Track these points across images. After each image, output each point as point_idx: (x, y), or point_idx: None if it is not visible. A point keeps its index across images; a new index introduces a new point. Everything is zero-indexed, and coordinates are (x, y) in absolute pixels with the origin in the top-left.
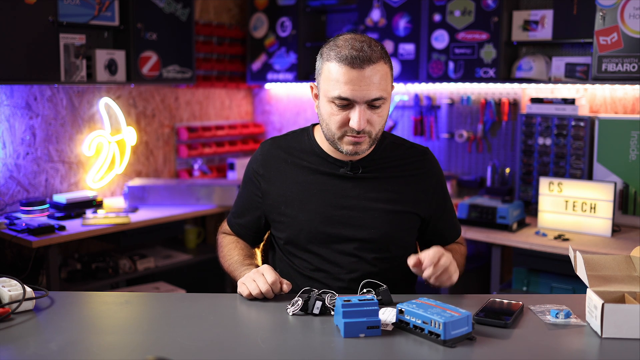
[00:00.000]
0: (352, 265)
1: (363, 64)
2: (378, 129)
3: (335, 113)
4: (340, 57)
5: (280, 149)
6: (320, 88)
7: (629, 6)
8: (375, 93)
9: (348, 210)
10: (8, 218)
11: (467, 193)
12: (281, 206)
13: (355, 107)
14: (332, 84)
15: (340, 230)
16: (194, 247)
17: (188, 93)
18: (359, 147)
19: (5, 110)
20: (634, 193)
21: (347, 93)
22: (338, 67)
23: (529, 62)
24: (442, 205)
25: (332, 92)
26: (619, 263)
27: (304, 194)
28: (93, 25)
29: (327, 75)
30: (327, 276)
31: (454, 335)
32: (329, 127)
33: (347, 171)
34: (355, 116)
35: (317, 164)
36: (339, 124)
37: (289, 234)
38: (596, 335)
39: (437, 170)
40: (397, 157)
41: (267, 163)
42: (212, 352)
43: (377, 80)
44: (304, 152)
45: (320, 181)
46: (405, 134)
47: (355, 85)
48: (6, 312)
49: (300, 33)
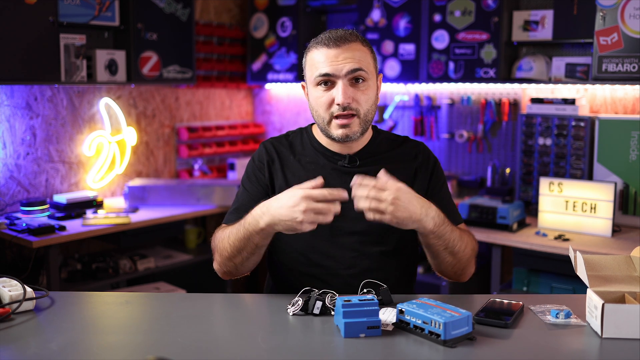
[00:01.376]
0: (352, 261)
1: (339, 41)
2: (366, 108)
3: (321, 95)
4: (317, 42)
5: (281, 146)
6: (307, 79)
7: (629, 6)
8: (354, 65)
9: (347, 202)
10: (8, 218)
11: (468, 193)
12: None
13: (337, 84)
14: (314, 67)
15: (340, 223)
16: (194, 247)
17: (188, 93)
18: (349, 129)
19: (6, 111)
20: (634, 193)
21: (327, 69)
22: (317, 51)
23: (529, 62)
24: (438, 194)
25: (314, 73)
26: (619, 263)
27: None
28: (93, 25)
29: (310, 63)
30: (326, 272)
31: (454, 335)
32: (318, 113)
33: (345, 164)
34: (339, 91)
35: (316, 157)
36: (325, 105)
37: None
38: (596, 335)
39: (432, 160)
40: (392, 150)
41: (270, 157)
42: (212, 352)
43: (356, 56)
44: (303, 148)
45: (319, 174)
46: (406, 134)
47: (332, 60)
48: (6, 312)
49: (301, 33)
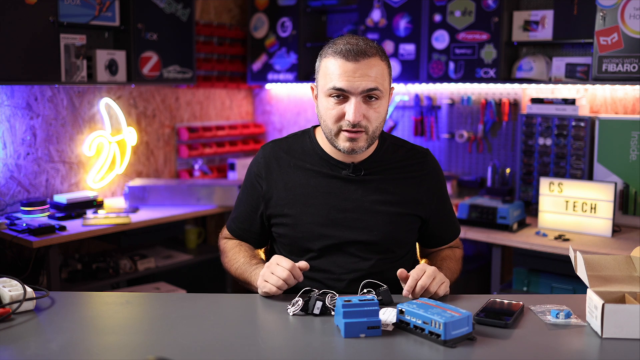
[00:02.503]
0: (354, 266)
1: (357, 56)
2: (375, 125)
3: (332, 107)
4: (335, 51)
5: (282, 151)
6: (319, 85)
7: (629, 6)
8: (370, 84)
9: (350, 212)
10: (9, 218)
11: (468, 193)
12: (284, 208)
13: (350, 100)
14: (329, 78)
15: (343, 232)
16: (195, 247)
17: (188, 93)
18: (355, 143)
19: (6, 111)
20: (634, 193)
21: (342, 84)
22: (334, 61)
23: (529, 63)
24: (442, 206)
25: (328, 84)
26: (619, 263)
27: (307, 195)
28: (93, 25)
29: (324, 71)
30: (329, 277)
31: (455, 336)
32: (326, 123)
33: (349, 173)
34: (351, 108)
35: (320, 165)
36: (335, 118)
37: (291, 235)
38: (596, 335)
39: (437, 171)
40: (398, 159)
41: (269, 165)
42: (212, 352)
43: (373, 73)
44: (305, 154)
45: (323, 183)
46: (406, 134)
47: (349, 76)
48: (7, 312)
49: (301, 33)
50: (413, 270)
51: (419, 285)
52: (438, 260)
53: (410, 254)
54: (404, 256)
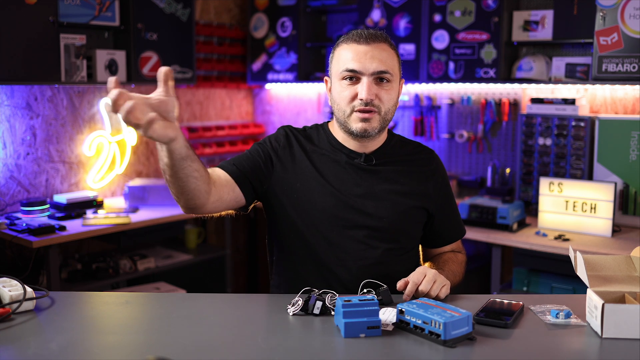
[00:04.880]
0: (361, 253)
1: (368, 39)
2: (387, 107)
3: (345, 89)
4: (347, 38)
5: (299, 134)
6: (332, 73)
7: (629, 6)
8: (381, 66)
9: (361, 198)
10: (8, 218)
11: (468, 193)
12: (297, 184)
13: (362, 80)
14: (342, 62)
15: (353, 215)
16: (194, 247)
17: (188, 93)
18: (368, 124)
19: (6, 111)
20: (634, 193)
21: (354, 65)
22: (346, 46)
23: (529, 63)
24: (448, 204)
25: (341, 68)
26: (619, 263)
27: (320, 177)
28: (93, 25)
29: (337, 58)
30: (336, 262)
31: (455, 336)
32: (339, 106)
33: (361, 162)
34: (363, 87)
35: (333, 153)
36: (348, 98)
37: (302, 212)
38: (596, 335)
39: (442, 170)
40: (406, 153)
41: (286, 143)
42: (212, 352)
43: (383, 57)
44: (321, 142)
45: (336, 168)
46: (406, 134)
47: (361, 57)
48: (7, 312)
49: (301, 33)
50: (413, 274)
51: (419, 291)
52: (441, 262)
53: (415, 250)
54: (409, 251)
